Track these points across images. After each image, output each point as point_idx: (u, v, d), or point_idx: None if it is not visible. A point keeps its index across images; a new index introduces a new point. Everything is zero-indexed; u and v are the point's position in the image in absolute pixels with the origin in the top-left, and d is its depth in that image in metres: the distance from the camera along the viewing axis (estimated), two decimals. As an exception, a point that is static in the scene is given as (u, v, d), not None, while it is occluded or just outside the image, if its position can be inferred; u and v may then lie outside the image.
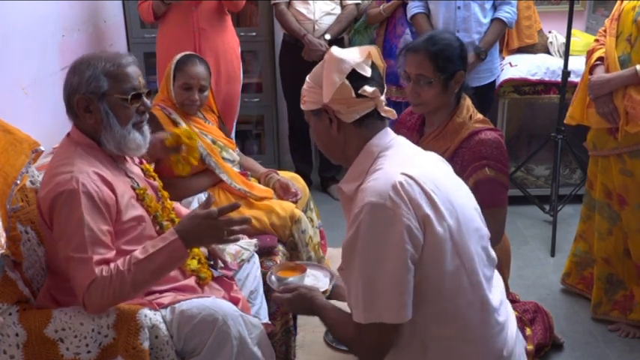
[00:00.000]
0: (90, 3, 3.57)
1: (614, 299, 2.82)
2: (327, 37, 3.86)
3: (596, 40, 2.73)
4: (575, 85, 2.89)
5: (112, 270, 1.70)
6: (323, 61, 1.57)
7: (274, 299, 1.79)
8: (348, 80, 1.51)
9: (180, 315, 1.81)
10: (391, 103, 3.81)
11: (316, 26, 3.88)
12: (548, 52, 4.05)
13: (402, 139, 1.65)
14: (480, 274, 1.52)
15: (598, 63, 2.65)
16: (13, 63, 2.62)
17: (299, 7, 3.89)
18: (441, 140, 2.19)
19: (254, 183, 2.77)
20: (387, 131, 1.62)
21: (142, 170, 2.05)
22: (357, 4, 3.97)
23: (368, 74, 1.54)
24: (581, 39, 3.94)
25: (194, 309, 1.82)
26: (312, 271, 1.95)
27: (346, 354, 1.92)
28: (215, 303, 1.87)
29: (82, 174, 1.75)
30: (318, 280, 1.91)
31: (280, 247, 2.57)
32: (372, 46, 1.60)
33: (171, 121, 2.62)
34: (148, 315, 1.77)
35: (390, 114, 1.60)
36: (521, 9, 3.88)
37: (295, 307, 1.75)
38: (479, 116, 2.23)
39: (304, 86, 1.62)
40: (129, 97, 1.83)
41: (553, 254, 3.44)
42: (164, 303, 1.84)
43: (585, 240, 2.94)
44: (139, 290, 1.76)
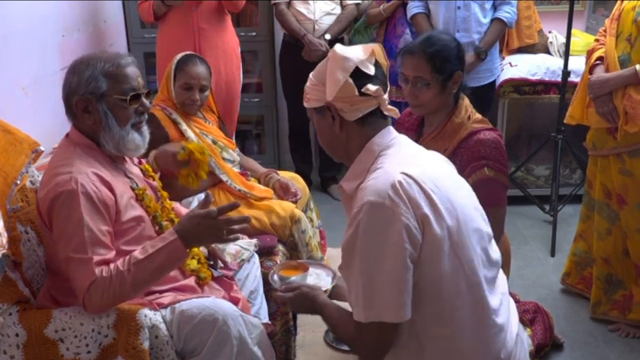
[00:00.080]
0: (90, 3, 3.57)
1: (613, 299, 2.82)
2: (327, 37, 3.86)
3: (596, 40, 2.73)
4: (575, 85, 2.89)
5: (112, 270, 1.70)
6: (327, 59, 1.56)
7: (276, 298, 1.79)
8: (351, 78, 1.51)
9: (181, 315, 1.81)
10: (391, 102, 3.79)
11: (316, 26, 3.88)
12: (548, 52, 4.05)
13: (404, 137, 1.65)
14: (480, 274, 1.51)
15: (598, 63, 2.65)
16: (13, 63, 2.62)
17: (299, 7, 3.89)
18: (440, 141, 2.19)
19: (254, 183, 2.77)
20: (390, 130, 1.62)
21: (141, 170, 2.05)
22: (357, 4, 3.97)
23: (371, 72, 1.54)
24: (581, 39, 3.93)
25: (194, 309, 1.82)
26: (314, 270, 1.95)
27: (346, 354, 1.92)
28: (215, 303, 1.87)
29: (80, 174, 1.75)
30: (320, 279, 1.91)
31: (280, 247, 2.58)
32: (376, 45, 1.59)
33: (172, 122, 2.62)
34: (148, 315, 1.77)
35: (393, 113, 1.60)
36: (521, 9, 3.88)
37: (297, 306, 1.75)
38: (477, 116, 2.23)
39: (307, 84, 1.62)
40: (128, 97, 1.82)
41: (553, 254, 3.44)
42: (164, 303, 1.84)
43: (585, 240, 2.93)
44: (138, 290, 1.76)
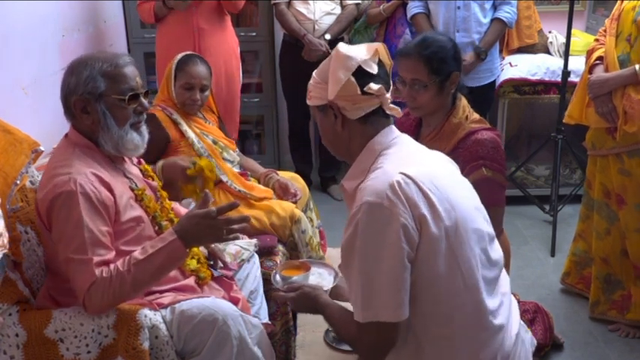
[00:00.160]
0: (90, 3, 3.57)
1: (611, 299, 2.82)
2: (327, 37, 3.86)
3: (596, 40, 2.73)
4: (575, 85, 2.89)
5: (112, 271, 1.70)
6: (330, 57, 1.56)
7: (278, 298, 1.79)
8: (354, 77, 1.51)
9: (181, 315, 1.82)
10: (392, 102, 3.80)
11: (316, 26, 3.88)
12: (548, 52, 4.05)
13: (405, 137, 1.65)
14: (477, 275, 1.51)
15: (597, 62, 2.65)
16: (13, 63, 2.61)
17: (299, 7, 3.89)
18: (438, 141, 2.18)
19: (254, 183, 2.77)
20: (392, 129, 1.62)
21: (141, 170, 2.05)
22: (357, 4, 3.97)
23: (374, 71, 1.54)
24: (581, 39, 3.93)
25: (194, 309, 1.82)
26: (316, 269, 1.95)
27: (346, 354, 1.93)
28: (215, 303, 1.87)
29: (79, 175, 1.74)
30: (322, 278, 1.91)
31: (280, 247, 2.58)
32: (379, 44, 1.59)
33: (172, 122, 2.62)
34: (148, 315, 1.77)
35: (395, 112, 1.60)
36: (521, 9, 3.88)
37: (299, 305, 1.75)
38: (475, 116, 2.23)
39: (310, 81, 1.62)
40: (126, 97, 1.82)
41: (553, 254, 3.44)
42: (164, 303, 1.84)
43: (585, 239, 2.93)
44: (139, 291, 1.76)
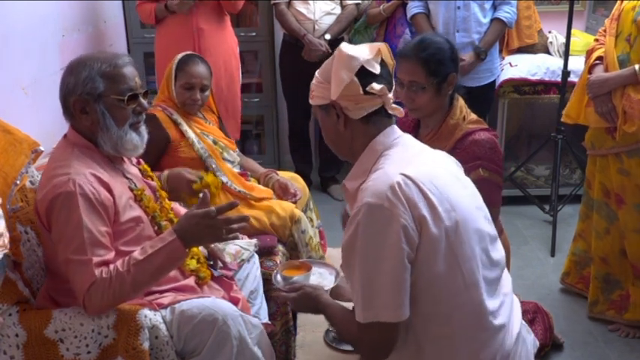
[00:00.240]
0: (90, 3, 3.57)
1: (610, 299, 2.82)
2: (327, 37, 3.86)
3: (596, 40, 2.73)
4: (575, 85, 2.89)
5: (112, 271, 1.70)
6: (332, 57, 1.57)
7: (280, 298, 1.79)
8: (356, 77, 1.51)
9: (181, 315, 1.82)
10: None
11: (316, 26, 3.88)
12: (548, 52, 4.05)
13: (407, 137, 1.65)
14: (478, 275, 1.51)
15: (597, 62, 2.65)
16: (13, 63, 2.61)
17: (299, 7, 3.89)
18: (436, 142, 2.18)
19: (254, 184, 2.77)
20: (394, 129, 1.62)
21: (140, 170, 2.05)
22: (357, 4, 3.97)
23: (377, 71, 1.54)
24: (581, 39, 3.93)
25: (194, 309, 1.82)
26: (317, 269, 1.95)
27: (346, 354, 1.93)
28: (215, 303, 1.87)
29: (79, 176, 1.74)
30: (323, 278, 1.92)
31: (280, 247, 2.58)
32: (382, 44, 1.59)
33: (173, 122, 2.62)
34: (148, 315, 1.77)
35: (397, 111, 1.60)
36: (521, 9, 3.88)
37: (300, 306, 1.75)
38: (472, 117, 2.22)
39: (313, 81, 1.63)
40: (125, 97, 1.82)
41: (553, 254, 3.44)
42: (164, 303, 1.84)
43: (584, 239, 2.94)
44: (138, 291, 1.76)
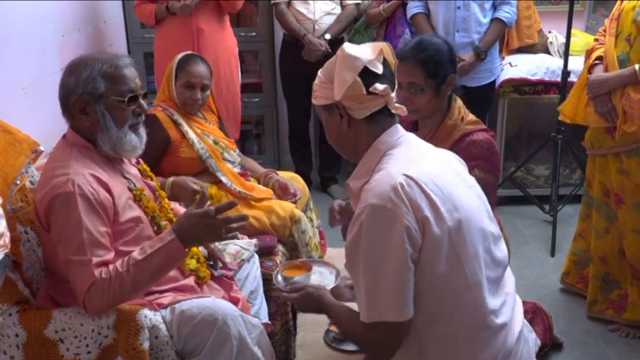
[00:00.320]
0: (90, 3, 3.57)
1: (609, 298, 2.82)
2: (327, 36, 3.85)
3: (596, 40, 2.73)
4: (575, 85, 2.90)
5: (111, 272, 1.70)
6: (335, 57, 1.57)
7: (282, 299, 1.79)
8: (359, 77, 1.52)
9: (180, 315, 1.82)
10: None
11: (316, 26, 3.88)
12: (548, 52, 4.05)
13: (411, 136, 1.65)
14: (481, 275, 1.51)
15: (597, 62, 2.65)
16: (13, 63, 2.61)
17: (299, 7, 3.89)
18: (434, 143, 2.16)
19: (254, 184, 2.77)
20: (397, 128, 1.62)
21: (139, 170, 2.05)
22: (357, 4, 3.97)
23: (380, 71, 1.54)
24: (581, 39, 3.94)
25: (194, 309, 1.82)
26: (317, 269, 1.96)
27: (346, 354, 1.93)
28: (215, 303, 1.87)
29: (77, 176, 1.74)
30: (323, 277, 1.92)
31: (280, 247, 2.58)
32: (384, 43, 1.59)
33: (173, 123, 2.62)
34: (148, 315, 1.78)
35: (400, 111, 1.60)
36: (521, 9, 3.88)
37: (303, 306, 1.76)
38: (470, 117, 2.22)
39: (316, 81, 1.63)
40: (126, 99, 1.82)
41: (553, 254, 3.44)
42: (164, 303, 1.84)
43: (584, 239, 2.94)
44: (138, 291, 1.76)
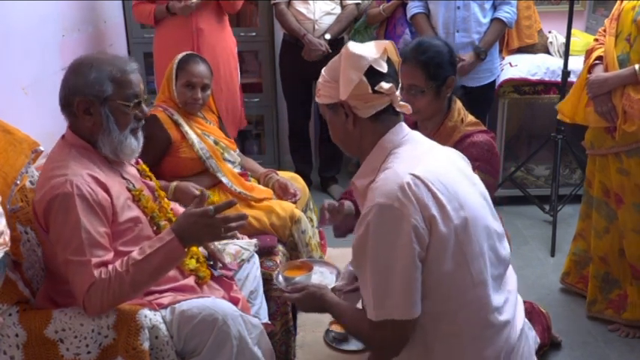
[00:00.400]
0: (90, 3, 3.57)
1: (609, 298, 2.82)
2: (327, 36, 3.85)
3: (596, 40, 2.73)
4: (575, 85, 2.89)
5: (111, 272, 1.70)
6: (340, 56, 1.57)
7: (284, 299, 1.79)
8: (365, 76, 1.52)
9: (180, 315, 1.82)
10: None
11: (316, 26, 3.88)
12: (548, 52, 4.05)
13: (416, 134, 1.65)
14: (486, 273, 1.53)
15: (597, 62, 2.65)
16: (13, 63, 2.62)
17: (299, 6, 3.89)
18: None
19: (254, 184, 2.77)
20: (402, 126, 1.62)
21: (138, 170, 2.05)
22: (357, 4, 3.97)
23: (384, 70, 1.55)
24: (581, 39, 3.93)
25: (194, 309, 1.82)
26: (318, 268, 1.96)
27: (346, 354, 1.93)
28: (215, 303, 1.87)
29: (76, 177, 1.74)
30: (324, 277, 1.93)
31: (280, 247, 2.58)
32: (387, 41, 1.60)
33: (174, 123, 2.61)
34: (148, 315, 1.78)
35: (405, 109, 1.61)
36: (521, 9, 3.88)
37: (305, 305, 1.76)
38: (470, 118, 2.22)
39: (320, 80, 1.63)
40: (131, 104, 1.83)
41: (553, 254, 3.44)
42: (164, 303, 1.84)
43: (584, 238, 2.94)
44: (138, 291, 1.76)
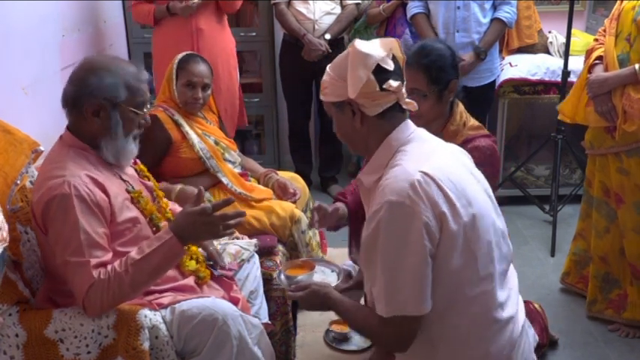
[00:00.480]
0: (90, 3, 3.57)
1: (609, 298, 2.82)
2: (327, 36, 3.85)
3: (596, 40, 2.73)
4: (575, 85, 2.89)
5: (110, 272, 1.70)
6: (346, 54, 1.57)
7: (287, 298, 1.79)
8: (372, 74, 1.53)
9: (180, 315, 1.82)
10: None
11: (316, 26, 3.88)
12: (548, 52, 4.05)
13: (422, 131, 1.66)
14: (491, 269, 1.55)
15: (597, 62, 2.65)
16: (13, 63, 2.61)
17: (299, 6, 3.89)
18: None
19: (254, 184, 2.77)
20: (408, 124, 1.63)
21: (136, 171, 2.05)
22: (357, 4, 3.97)
23: (391, 68, 1.55)
24: (581, 39, 3.93)
25: (194, 309, 1.82)
26: (319, 267, 1.98)
27: (346, 354, 1.93)
28: (215, 303, 1.87)
29: (74, 177, 1.74)
30: (325, 276, 1.94)
31: (280, 247, 2.58)
32: (393, 39, 1.61)
33: (174, 123, 2.61)
34: (148, 315, 1.78)
35: (411, 106, 1.61)
36: (521, 9, 3.88)
37: (309, 304, 1.76)
38: (472, 122, 2.21)
39: (325, 77, 1.63)
40: (141, 112, 1.86)
41: (553, 254, 3.44)
42: (164, 303, 1.84)
43: (584, 238, 2.94)
44: (137, 291, 1.76)
